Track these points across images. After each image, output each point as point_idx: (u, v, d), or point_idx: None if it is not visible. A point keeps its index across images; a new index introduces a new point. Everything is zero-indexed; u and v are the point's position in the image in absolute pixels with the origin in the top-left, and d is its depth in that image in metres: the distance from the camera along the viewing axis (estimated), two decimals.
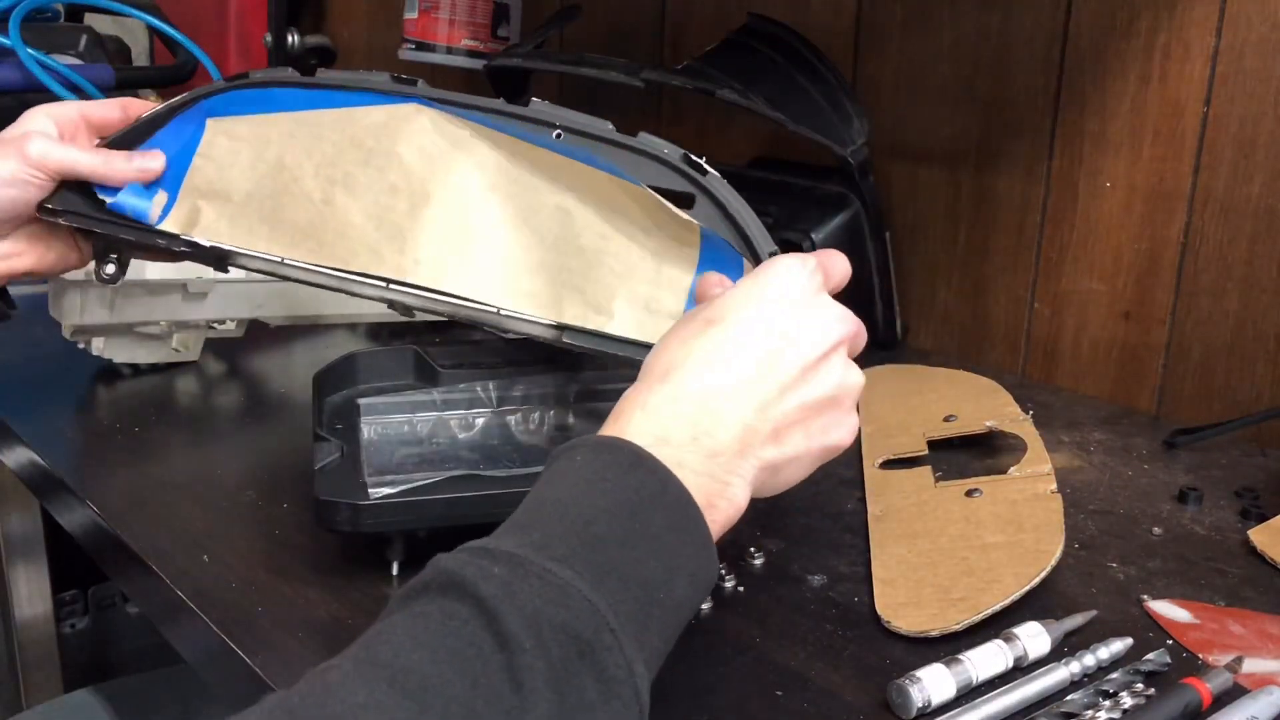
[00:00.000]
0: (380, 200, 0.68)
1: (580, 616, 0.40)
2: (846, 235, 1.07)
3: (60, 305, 0.93)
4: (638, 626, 0.42)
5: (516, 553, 0.41)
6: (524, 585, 0.40)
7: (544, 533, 0.43)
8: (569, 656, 0.39)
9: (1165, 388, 0.98)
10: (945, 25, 1.09)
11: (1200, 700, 0.55)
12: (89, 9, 1.52)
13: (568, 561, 0.42)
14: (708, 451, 0.49)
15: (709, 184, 0.64)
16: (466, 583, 0.40)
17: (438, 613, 0.40)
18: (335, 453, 0.67)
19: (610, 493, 0.45)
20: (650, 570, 0.44)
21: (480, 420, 0.80)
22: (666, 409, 0.50)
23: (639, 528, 0.44)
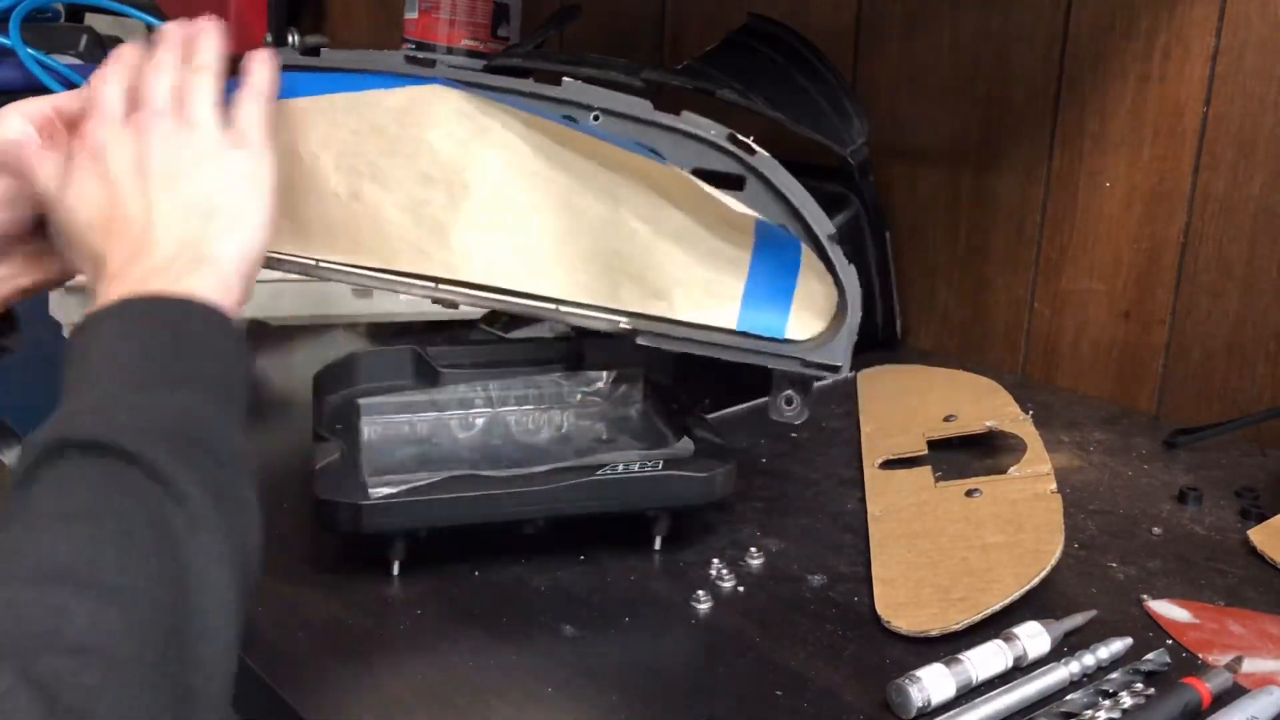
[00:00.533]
0: (415, 193, 0.64)
1: (176, 417, 0.45)
2: (846, 235, 1.07)
3: (60, 306, 0.93)
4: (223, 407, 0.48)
5: (94, 403, 0.45)
6: (119, 418, 0.44)
7: (106, 380, 0.47)
8: (187, 449, 0.44)
9: (1165, 388, 0.98)
10: (945, 25, 1.09)
11: (1200, 700, 0.55)
12: (89, 9, 1.52)
13: (141, 388, 0.47)
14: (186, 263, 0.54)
15: (758, 164, 0.62)
16: (69, 437, 0.43)
17: (65, 467, 0.42)
18: (335, 453, 0.67)
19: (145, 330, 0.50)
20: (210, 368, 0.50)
21: (480, 420, 0.80)
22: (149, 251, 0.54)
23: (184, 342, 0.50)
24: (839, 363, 0.63)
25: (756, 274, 0.64)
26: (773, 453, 0.86)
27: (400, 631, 0.61)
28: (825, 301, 0.64)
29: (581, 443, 0.78)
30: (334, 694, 0.55)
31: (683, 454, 0.69)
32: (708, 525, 0.73)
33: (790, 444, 0.88)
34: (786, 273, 0.64)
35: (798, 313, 0.64)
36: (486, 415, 0.81)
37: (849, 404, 0.97)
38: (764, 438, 0.89)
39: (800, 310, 0.64)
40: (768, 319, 0.64)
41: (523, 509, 0.66)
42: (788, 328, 0.64)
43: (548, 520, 0.67)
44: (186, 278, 0.53)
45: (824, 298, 0.64)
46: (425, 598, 0.64)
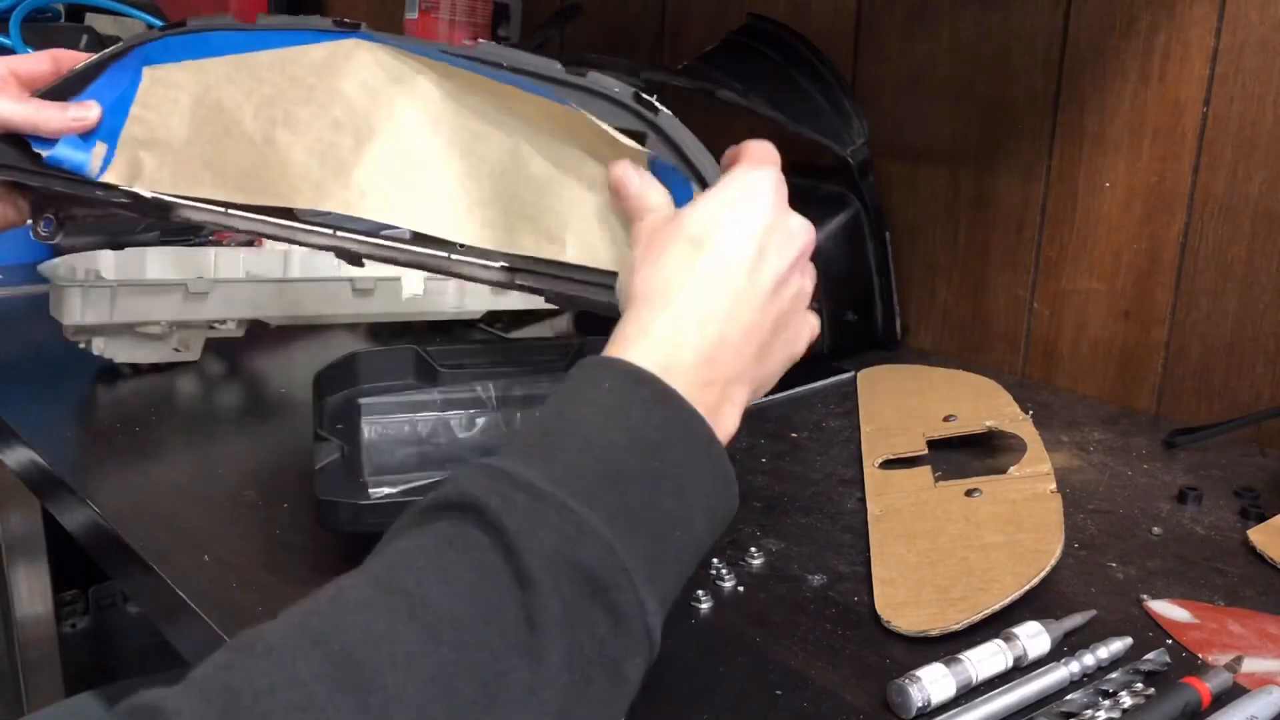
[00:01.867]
0: (323, 137, 0.66)
1: (596, 556, 0.41)
2: (846, 235, 1.07)
3: (60, 305, 0.93)
4: (651, 565, 0.43)
5: (539, 485, 0.42)
6: (544, 520, 0.41)
7: (565, 464, 0.43)
8: (582, 595, 0.40)
9: (1165, 387, 0.98)
10: (945, 25, 1.09)
11: (1200, 700, 0.55)
12: (89, 9, 1.52)
13: (587, 498, 0.42)
14: (707, 379, 0.50)
15: (660, 122, 0.61)
16: (489, 511, 0.40)
17: (460, 540, 0.40)
18: (335, 453, 0.67)
19: (634, 429, 0.45)
20: (668, 509, 0.44)
21: (480, 420, 0.80)
22: (669, 335, 0.50)
23: (659, 466, 0.45)
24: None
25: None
26: (773, 453, 0.86)
27: None
28: None
29: None
30: None
31: None
32: None
33: (790, 444, 0.88)
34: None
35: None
36: (486, 415, 0.81)
37: (849, 404, 0.97)
38: (764, 438, 0.89)
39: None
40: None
41: None
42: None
43: None
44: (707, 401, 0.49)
45: None
46: None
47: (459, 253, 0.66)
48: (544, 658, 0.38)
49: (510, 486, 0.42)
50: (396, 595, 0.38)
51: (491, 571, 0.39)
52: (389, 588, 0.39)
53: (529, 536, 0.40)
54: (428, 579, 0.39)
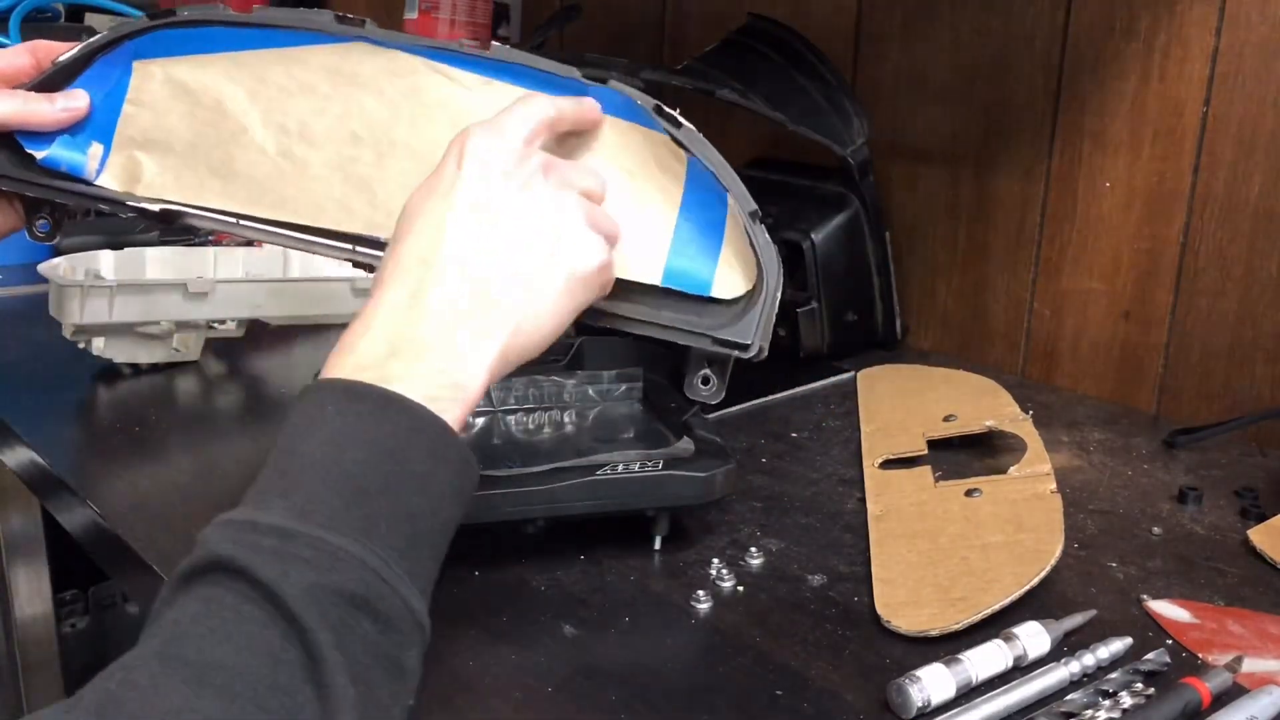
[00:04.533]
0: (343, 151, 0.64)
1: (354, 578, 0.43)
2: (846, 235, 1.07)
3: (60, 305, 0.93)
4: (410, 561, 0.45)
5: (283, 525, 0.43)
6: (296, 558, 0.42)
7: (306, 496, 0.45)
8: (349, 615, 0.42)
9: (1165, 387, 0.98)
10: (945, 25, 1.09)
11: (1200, 700, 0.55)
12: (89, 9, 1.52)
13: (333, 525, 0.44)
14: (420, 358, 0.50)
15: (683, 137, 0.61)
16: (241, 565, 0.42)
17: (227, 598, 0.41)
18: None
19: (368, 443, 0.46)
20: (416, 505, 0.46)
21: (480, 420, 0.80)
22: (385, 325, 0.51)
23: (399, 470, 0.46)
24: (748, 340, 0.61)
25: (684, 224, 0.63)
26: (773, 453, 0.86)
27: None
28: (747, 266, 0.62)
29: (581, 443, 0.78)
30: None
31: (683, 454, 0.69)
32: (708, 525, 0.73)
33: (790, 444, 0.88)
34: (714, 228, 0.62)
35: (724, 270, 0.62)
36: (486, 415, 0.81)
37: (849, 404, 0.97)
38: (764, 438, 0.89)
39: (726, 269, 0.62)
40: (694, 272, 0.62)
41: (523, 509, 0.66)
42: (714, 284, 0.62)
43: (548, 520, 0.67)
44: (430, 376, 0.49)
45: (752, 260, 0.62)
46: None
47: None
48: (330, 683, 0.40)
49: (257, 535, 0.43)
50: (181, 666, 0.39)
51: (260, 622, 0.41)
52: (173, 660, 0.39)
53: (284, 579, 0.41)
54: (206, 644, 0.40)
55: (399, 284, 0.52)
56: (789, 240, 1.05)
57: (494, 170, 0.55)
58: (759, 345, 0.62)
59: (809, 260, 1.05)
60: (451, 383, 0.50)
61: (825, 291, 1.06)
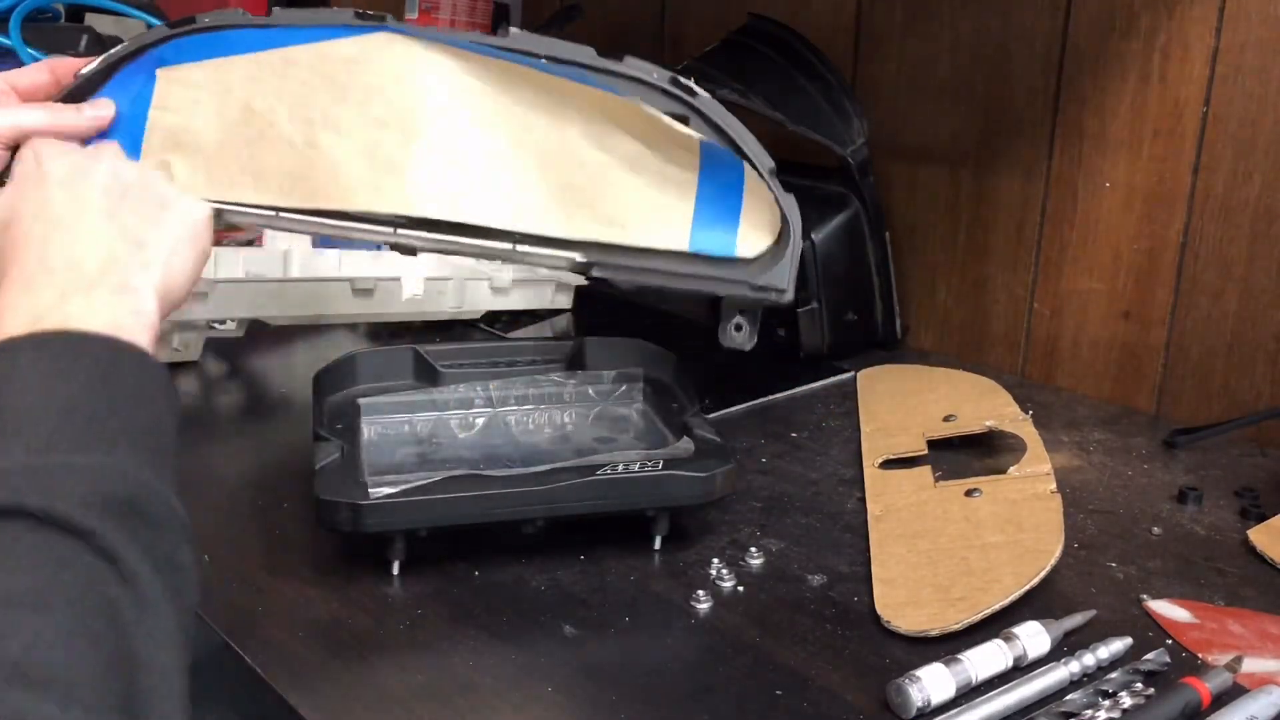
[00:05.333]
0: (369, 135, 0.65)
1: (117, 485, 0.44)
2: (846, 235, 1.07)
3: None
4: (156, 468, 0.46)
5: (29, 462, 0.43)
6: (56, 483, 0.42)
7: (40, 432, 0.45)
8: (125, 518, 0.43)
9: (1165, 387, 0.98)
10: (945, 25, 1.09)
11: (1200, 700, 0.55)
12: (89, 9, 1.52)
13: (78, 448, 0.44)
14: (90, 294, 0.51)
15: (700, 104, 0.62)
16: (12, 505, 0.41)
17: (7, 536, 0.41)
18: (335, 452, 0.68)
19: (76, 378, 0.47)
20: (142, 420, 0.48)
21: (480, 420, 0.80)
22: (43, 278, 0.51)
23: (115, 392, 0.48)
24: (783, 286, 0.64)
25: (704, 195, 0.65)
26: (773, 453, 0.86)
27: (400, 631, 0.61)
28: (770, 221, 0.65)
29: (581, 443, 0.79)
30: (334, 694, 0.55)
31: (683, 454, 0.69)
32: (708, 525, 0.73)
33: (790, 444, 0.88)
34: (732, 192, 0.65)
35: (745, 231, 0.65)
36: (486, 415, 0.81)
37: (849, 404, 0.97)
38: (764, 438, 0.89)
39: (748, 229, 0.65)
40: (718, 238, 0.65)
41: (523, 509, 0.66)
42: (738, 245, 0.65)
43: (548, 520, 0.67)
44: (109, 306, 0.51)
45: (769, 218, 0.65)
46: (425, 598, 0.64)
47: (521, 243, 0.65)
48: (137, 574, 0.41)
49: (8, 476, 0.43)
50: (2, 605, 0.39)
51: (48, 543, 0.41)
52: None
53: (53, 500, 0.41)
54: (4, 576, 0.39)
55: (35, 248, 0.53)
56: None
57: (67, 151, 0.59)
58: (791, 290, 0.65)
59: (809, 260, 1.05)
60: (131, 309, 0.52)
61: (825, 291, 1.05)
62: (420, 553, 0.66)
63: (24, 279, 0.51)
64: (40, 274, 0.51)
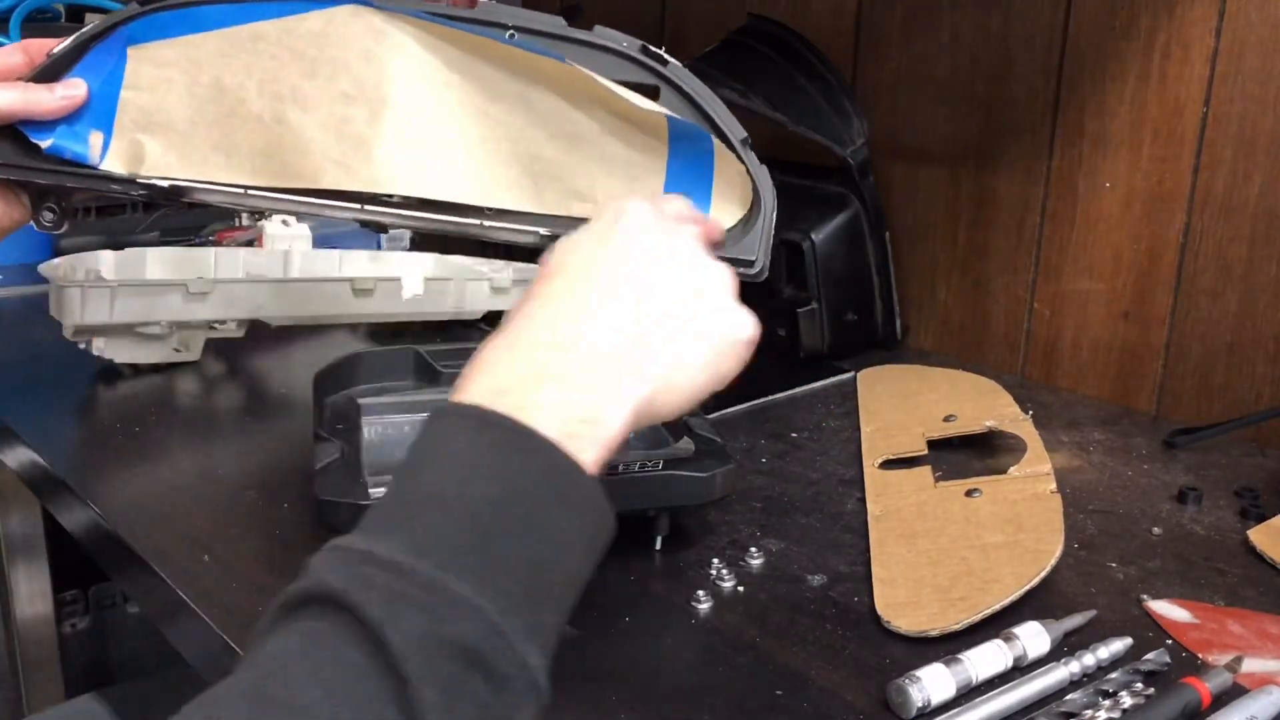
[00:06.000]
0: (335, 111, 0.65)
1: (468, 627, 0.39)
2: (846, 235, 1.07)
3: (60, 305, 0.93)
4: (529, 613, 0.41)
5: (399, 561, 0.40)
6: (409, 600, 0.39)
7: (425, 531, 0.42)
8: (458, 671, 0.39)
9: (1165, 388, 0.98)
10: (945, 25, 1.09)
11: (1200, 700, 0.55)
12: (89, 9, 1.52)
13: (452, 565, 0.40)
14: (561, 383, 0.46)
15: (671, 73, 0.62)
16: (350, 602, 0.39)
17: (328, 636, 0.39)
18: (336, 453, 0.68)
19: (495, 478, 0.43)
20: (540, 552, 0.43)
21: None
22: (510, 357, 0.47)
23: (526, 513, 0.43)
24: (752, 258, 0.63)
25: (675, 168, 0.64)
26: (773, 453, 0.86)
27: None
28: (743, 192, 0.64)
29: None
30: None
31: (683, 454, 0.69)
32: (708, 525, 0.73)
33: (790, 444, 0.88)
34: (702, 166, 0.64)
35: (718, 203, 0.64)
36: None
37: (849, 404, 0.97)
38: (764, 438, 0.89)
39: (720, 201, 0.64)
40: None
41: None
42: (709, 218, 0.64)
43: None
44: (575, 407, 0.46)
45: (740, 189, 0.64)
46: None
47: (491, 218, 0.65)
48: None
49: (371, 568, 0.40)
50: (269, 706, 0.37)
51: (362, 670, 0.38)
52: (262, 700, 0.37)
53: (394, 623, 0.38)
54: (299, 685, 0.37)
55: (551, 309, 0.49)
56: (789, 241, 1.05)
57: (652, 223, 0.53)
58: (762, 262, 0.63)
59: (809, 260, 1.05)
60: (592, 420, 0.46)
61: (825, 291, 1.06)
62: None
63: (514, 342, 0.48)
64: (542, 333, 0.47)
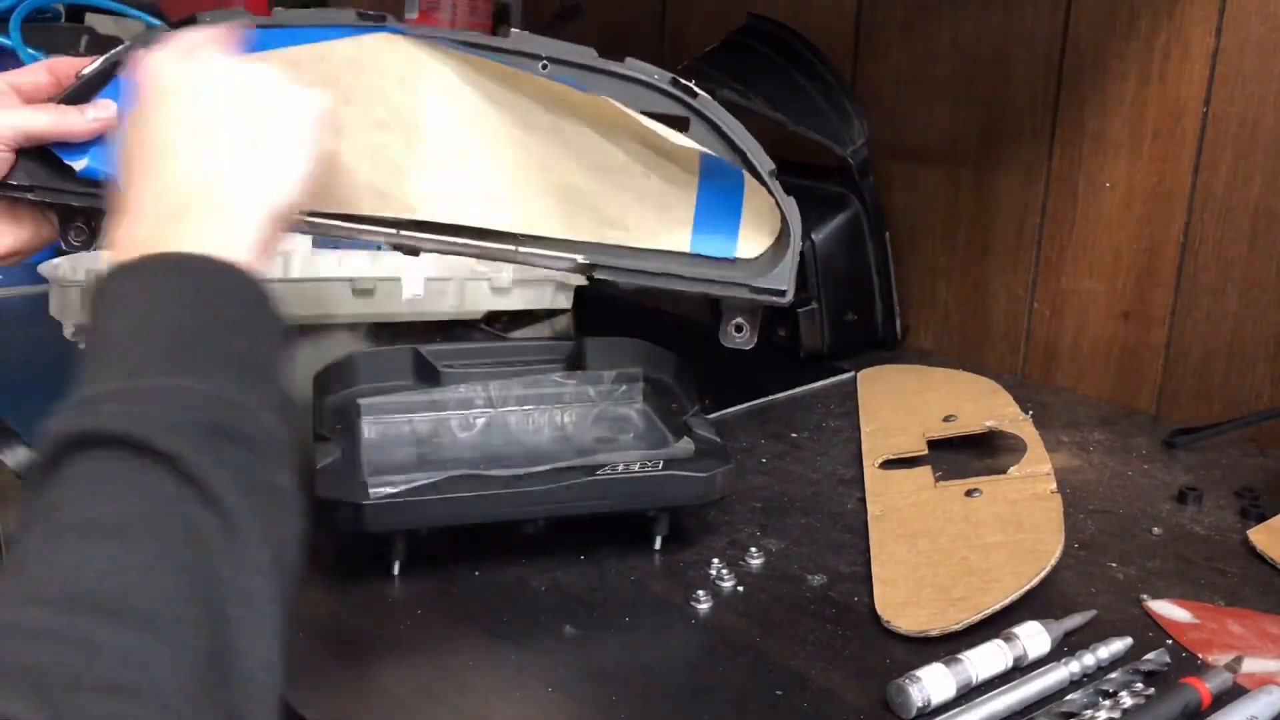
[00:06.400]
0: (371, 138, 0.66)
1: (206, 408, 0.42)
2: (846, 235, 1.07)
3: (60, 305, 0.93)
4: (254, 388, 0.45)
5: (118, 388, 0.43)
6: (145, 408, 0.41)
7: (131, 360, 0.44)
8: (215, 442, 0.41)
9: (1165, 388, 0.98)
10: (945, 25, 1.09)
11: (1200, 700, 0.55)
12: (89, 9, 1.52)
13: (168, 373, 0.44)
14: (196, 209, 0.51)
15: (701, 105, 0.63)
16: (88, 430, 0.40)
17: (88, 465, 0.40)
18: (335, 452, 0.68)
19: (171, 302, 0.47)
20: (239, 343, 0.47)
21: (480, 420, 0.80)
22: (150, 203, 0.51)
23: (211, 314, 0.47)
24: (784, 287, 0.65)
25: (704, 200, 0.66)
26: (773, 453, 0.86)
27: (400, 631, 0.61)
28: (770, 222, 0.66)
29: (581, 443, 0.79)
30: (334, 694, 0.55)
31: (683, 454, 0.69)
32: (708, 525, 0.73)
33: (790, 444, 0.88)
34: (732, 197, 0.66)
35: (746, 233, 0.66)
36: (486, 415, 0.81)
37: (849, 404, 0.97)
38: (764, 438, 0.89)
39: (748, 231, 0.66)
40: (718, 241, 0.66)
41: (523, 509, 0.66)
42: (738, 247, 0.66)
43: (548, 520, 0.67)
44: (208, 228, 0.50)
45: (769, 219, 0.66)
46: (425, 598, 0.64)
47: (525, 244, 0.66)
48: (223, 498, 0.40)
49: (97, 404, 0.42)
50: (65, 531, 0.38)
51: (132, 469, 0.40)
52: (55, 534, 0.38)
53: (143, 424, 0.40)
54: (84, 506, 0.39)
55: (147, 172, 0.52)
56: None
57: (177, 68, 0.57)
58: (790, 291, 0.65)
59: (809, 260, 1.05)
60: (234, 230, 0.50)
61: (825, 291, 1.05)
62: (421, 553, 0.66)
63: (131, 209, 0.51)
64: (147, 202, 0.51)
